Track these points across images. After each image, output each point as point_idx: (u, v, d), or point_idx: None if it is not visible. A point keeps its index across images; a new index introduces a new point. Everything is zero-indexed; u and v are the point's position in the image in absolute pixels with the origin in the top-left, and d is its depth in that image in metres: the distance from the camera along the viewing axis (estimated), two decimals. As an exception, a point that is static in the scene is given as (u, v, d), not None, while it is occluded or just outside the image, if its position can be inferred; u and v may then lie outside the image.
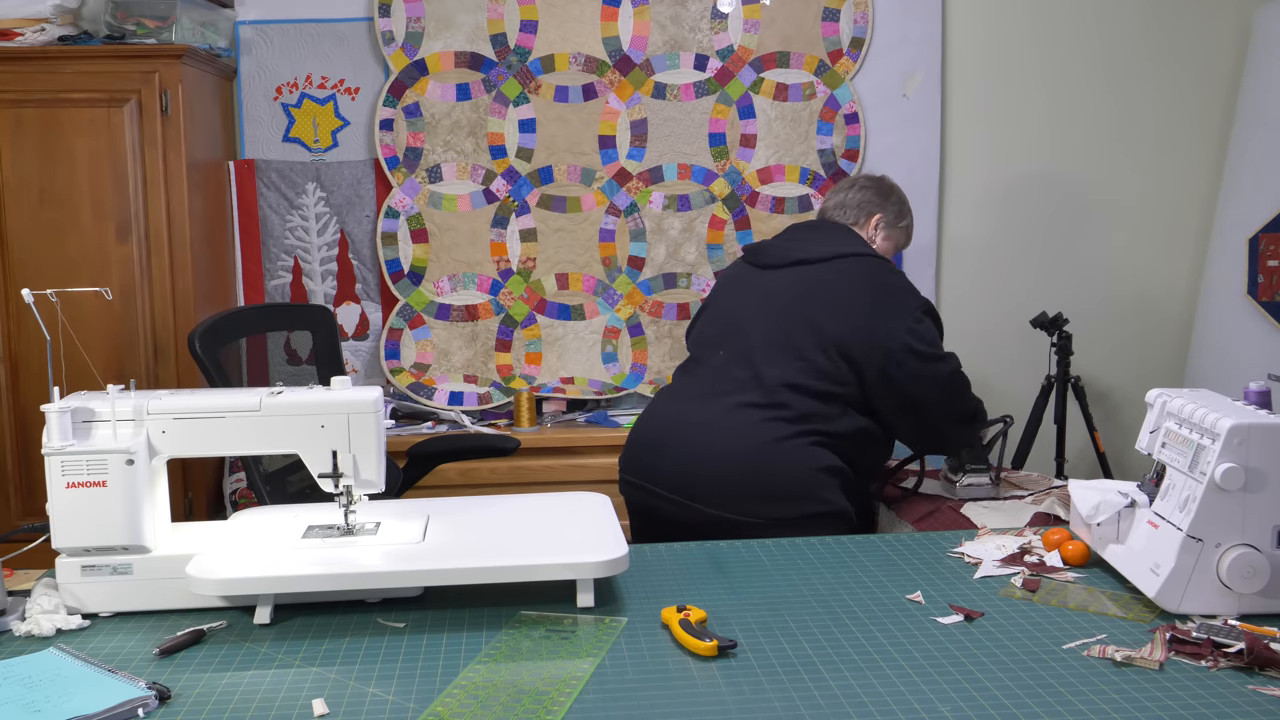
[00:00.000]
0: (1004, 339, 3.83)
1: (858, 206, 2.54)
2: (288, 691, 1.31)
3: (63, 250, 3.13)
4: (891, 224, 2.54)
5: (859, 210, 2.53)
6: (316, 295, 3.66)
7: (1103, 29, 3.75)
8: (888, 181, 2.61)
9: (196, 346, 2.40)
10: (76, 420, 1.55)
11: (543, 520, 1.73)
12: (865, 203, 2.54)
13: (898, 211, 2.56)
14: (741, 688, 1.31)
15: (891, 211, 2.54)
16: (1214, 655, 1.36)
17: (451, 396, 3.66)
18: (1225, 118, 3.80)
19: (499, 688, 1.31)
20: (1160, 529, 1.58)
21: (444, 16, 3.57)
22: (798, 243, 2.48)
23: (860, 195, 2.55)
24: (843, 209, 2.55)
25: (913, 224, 2.63)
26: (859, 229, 2.51)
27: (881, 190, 2.56)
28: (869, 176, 2.61)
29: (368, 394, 1.64)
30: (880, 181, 2.59)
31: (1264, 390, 1.76)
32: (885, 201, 2.54)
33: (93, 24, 3.19)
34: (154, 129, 3.13)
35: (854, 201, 2.55)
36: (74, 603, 1.55)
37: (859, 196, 2.55)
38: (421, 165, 3.61)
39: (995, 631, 1.47)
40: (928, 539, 1.87)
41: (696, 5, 3.62)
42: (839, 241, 2.43)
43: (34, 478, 3.17)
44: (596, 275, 3.70)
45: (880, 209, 2.53)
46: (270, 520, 1.75)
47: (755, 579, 1.68)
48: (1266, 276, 3.41)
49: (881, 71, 3.69)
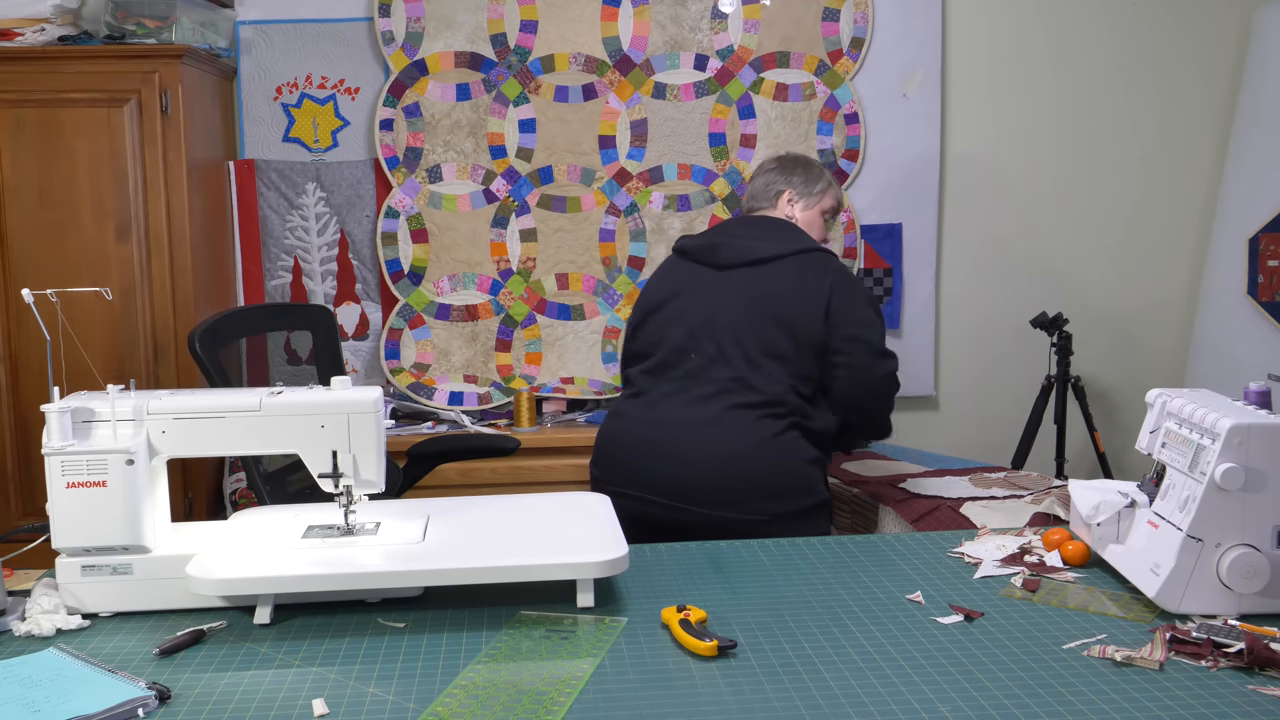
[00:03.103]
0: (1004, 339, 3.83)
1: (764, 190, 2.60)
2: (288, 691, 1.31)
3: (63, 250, 3.13)
4: (804, 193, 2.57)
5: (767, 193, 2.59)
6: (316, 295, 3.66)
7: (1103, 29, 3.76)
8: (790, 155, 2.66)
9: (196, 346, 2.40)
10: (76, 420, 1.55)
11: (543, 520, 1.73)
12: (770, 184, 2.59)
13: (805, 180, 2.58)
14: (741, 688, 1.31)
15: (799, 182, 2.58)
16: (1214, 655, 1.36)
17: (451, 396, 3.66)
18: (1225, 118, 3.80)
19: (499, 688, 1.31)
20: (1160, 529, 1.58)
21: (444, 16, 3.57)
22: (749, 240, 2.43)
23: (764, 180, 2.61)
24: (755, 199, 2.61)
25: (832, 186, 2.63)
26: (776, 211, 2.57)
27: (784, 166, 2.61)
28: (771, 158, 2.67)
29: (368, 394, 1.64)
30: (782, 159, 2.65)
31: (1264, 390, 1.76)
32: (790, 175, 2.58)
33: (93, 24, 3.19)
34: (154, 129, 3.13)
35: (760, 188, 2.61)
36: (74, 603, 1.55)
37: (763, 181, 2.61)
38: (421, 165, 3.61)
39: (995, 631, 1.47)
40: (928, 539, 1.87)
41: (696, 5, 3.62)
42: (784, 237, 2.44)
43: (34, 478, 3.17)
44: (596, 275, 3.70)
45: (786, 184, 2.57)
46: (270, 520, 1.75)
47: (755, 579, 1.68)
48: (1266, 276, 3.41)
49: (881, 71, 3.69)
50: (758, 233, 2.47)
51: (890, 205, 3.74)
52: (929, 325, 3.81)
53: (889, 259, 3.75)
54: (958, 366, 3.85)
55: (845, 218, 3.71)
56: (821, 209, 2.60)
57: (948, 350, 3.86)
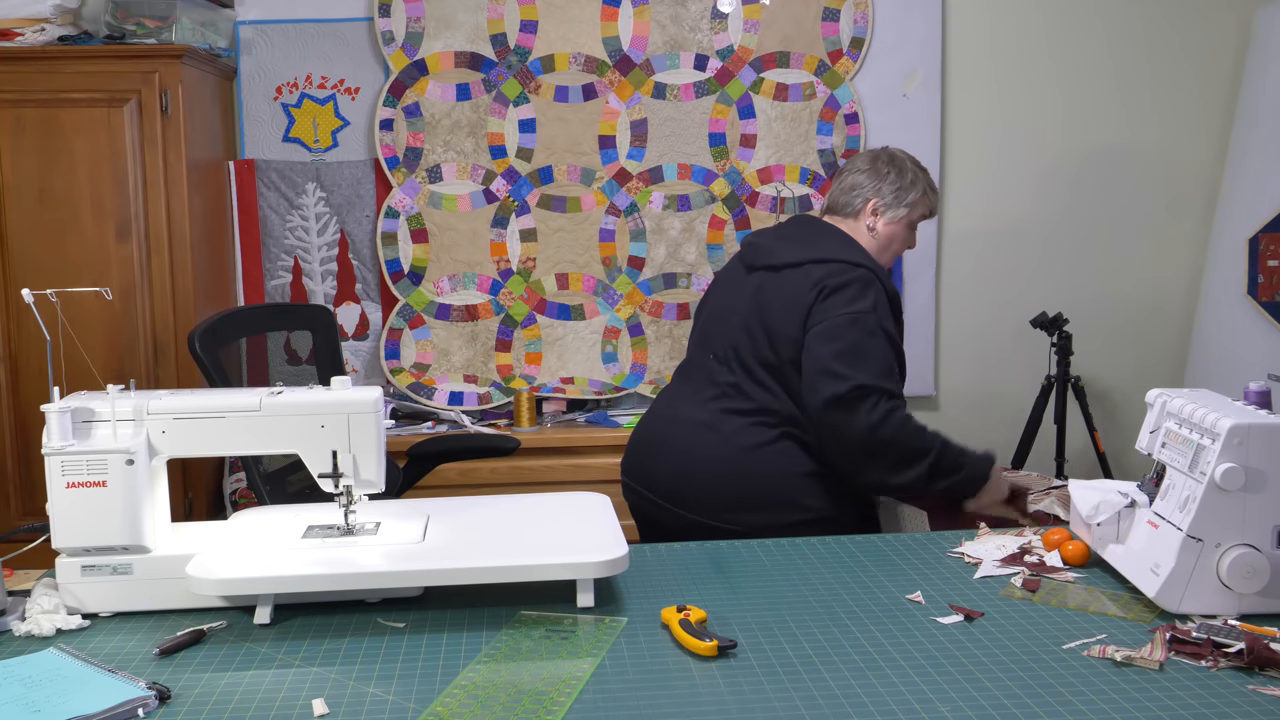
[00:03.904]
0: (1004, 339, 3.83)
1: (848, 195, 2.38)
2: (288, 691, 1.31)
3: (63, 250, 3.13)
4: (892, 205, 2.34)
5: (850, 199, 2.37)
6: (316, 295, 3.66)
7: (1103, 29, 3.75)
8: (885, 155, 2.40)
9: (196, 346, 2.40)
10: (76, 420, 1.55)
11: (543, 520, 1.73)
12: (856, 188, 2.37)
13: (896, 191, 2.35)
14: (741, 688, 1.31)
15: (889, 193, 2.35)
16: (1214, 655, 1.36)
17: (451, 396, 3.66)
18: (1225, 118, 3.80)
19: (499, 688, 1.31)
20: (1160, 529, 1.58)
21: (444, 16, 3.57)
22: (781, 243, 2.35)
23: (851, 181, 2.39)
24: (836, 203, 2.41)
25: (926, 195, 2.38)
26: (858, 221, 2.36)
27: (877, 170, 2.37)
28: (866, 155, 2.42)
29: (368, 394, 1.64)
30: (877, 158, 2.40)
31: (1264, 390, 1.76)
32: (881, 183, 2.35)
33: (93, 24, 3.19)
34: (154, 129, 3.13)
35: (844, 192, 2.39)
36: (74, 603, 1.55)
37: (849, 183, 2.39)
38: (421, 165, 3.61)
39: (995, 631, 1.47)
40: (928, 539, 1.87)
41: (696, 5, 3.62)
42: (813, 244, 2.30)
43: (34, 478, 3.17)
44: (596, 275, 3.69)
45: (875, 193, 2.35)
46: (270, 520, 1.75)
47: (755, 579, 1.68)
48: (1266, 276, 3.41)
49: (881, 71, 3.69)
50: (793, 235, 2.35)
51: (890, 205, 3.74)
52: (929, 325, 3.81)
53: (889, 259, 3.75)
54: (958, 366, 3.85)
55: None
56: (910, 220, 2.37)
57: (948, 350, 3.85)
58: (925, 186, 2.38)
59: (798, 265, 2.24)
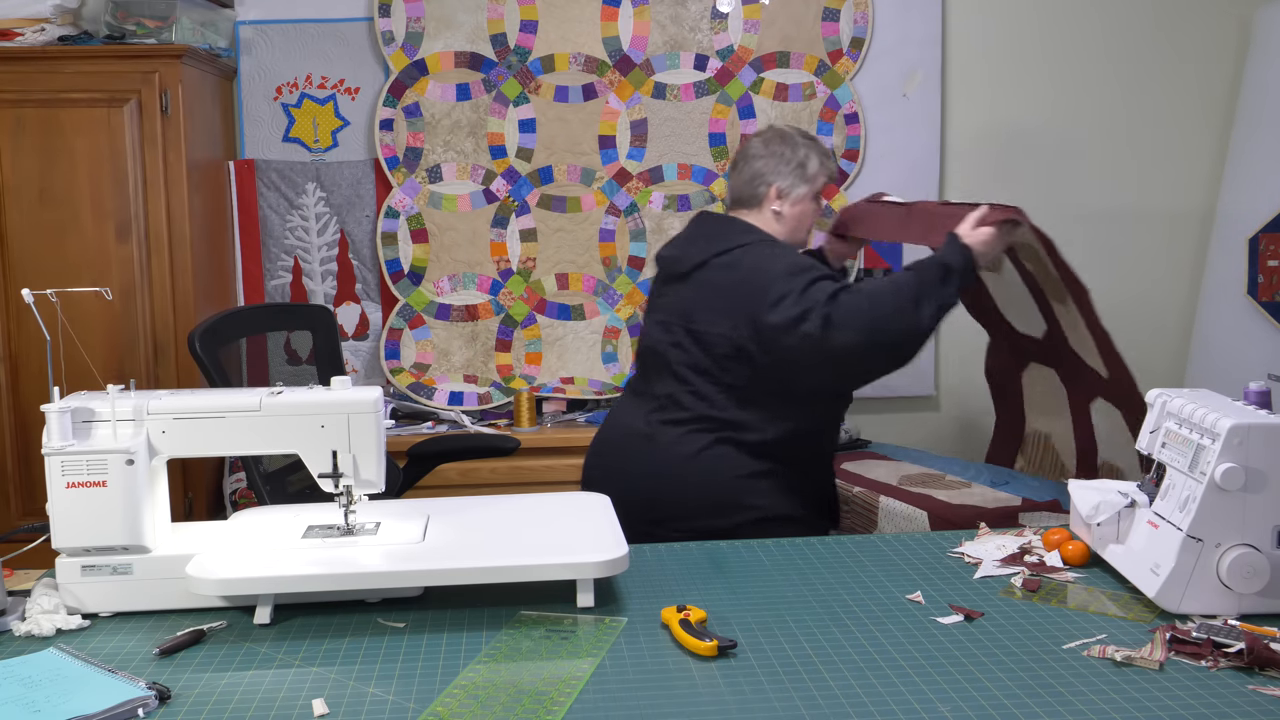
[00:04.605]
0: (1004, 339, 3.83)
1: (750, 187, 2.33)
2: (288, 691, 1.31)
3: (63, 250, 3.13)
4: (795, 184, 2.30)
5: (755, 188, 2.32)
6: (316, 295, 3.65)
7: (1103, 29, 3.75)
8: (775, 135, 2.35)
9: (196, 346, 2.40)
10: (76, 420, 1.55)
11: (543, 520, 1.73)
12: (757, 176, 2.32)
13: (796, 169, 2.31)
14: (741, 688, 1.31)
15: (789, 173, 2.31)
16: (1214, 655, 1.36)
17: (451, 396, 3.66)
18: (1225, 118, 3.80)
19: (499, 688, 1.31)
20: (1160, 529, 1.58)
21: (444, 16, 3.57)
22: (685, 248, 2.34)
23: (751, 171, 2.33)
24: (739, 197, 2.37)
25: (823, 161, 2.34)
26: (761, 210, 2.32)
27: (772, 153, 2.33)
28: (757, 141, 2.37)
29: (368, 394, 1.64)
30: (768, 143, 2.35)
31: (1264, 390, 1.76)
32: (779, 164, 2.31)
33: (93, 24, 3.19)
34: (154, 129, 3.13)
35: (744, 184, 2.34)
36: (74, 603, 1.55)
37: (750, 172, 2.33)
38: (421, 165, 3.61)
39: (995, 631, 1.47)
40: (928, 539, 1.87)
41: (696, 5, 3.62)
42: (710, 242, 2.29)
43: (34, 478, 3.16)
44: (596, 275, 3.69)
45: (775, 175, 2.30)
46: (270, 520, 1.75)
47: (755, 579, 1.68)
48: (1266, 276, 3.41)
49: (881, 71, 3.69)
50: (696, 235, 2.35)
51: (890, 205, 3.74)
52: (929, 325, 3.81)
53: (889, 259, 3.75)
54: (958, 366, 3.85)
55: (845, 218, 3.70)
56: (814, 193, 2.33)
57: (948, 350, 3.85)
58: (820, 155, 2.35)
59: (704, 264, 2.26)
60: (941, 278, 2.12)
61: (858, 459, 3.02)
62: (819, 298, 2.07)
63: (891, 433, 3.71)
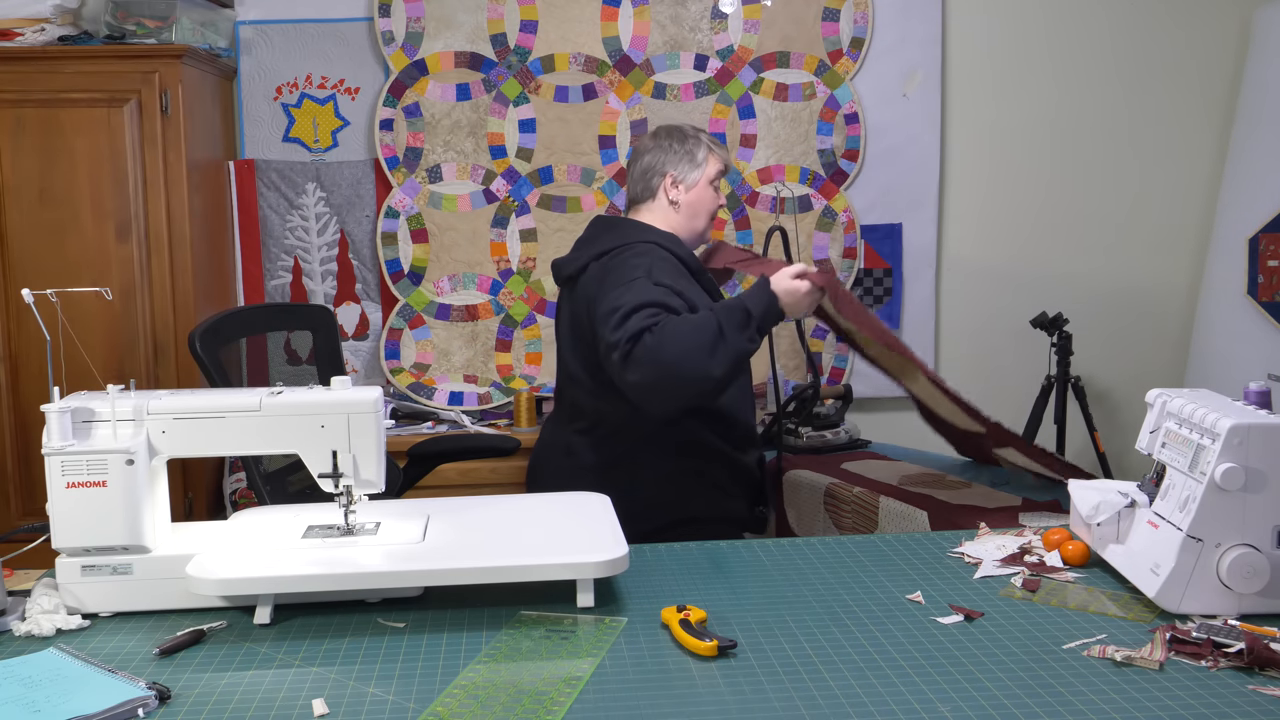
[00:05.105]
0: (1004, 339, 3.83)
1: (643, 179, 2.39)
2: (288, 691, 1.31)
3: (63, 250, 3.13)
4: (688, 170, 2.36)
5: (649, 181, 2.38)
6: (316, 295, 3.65)
7: (1103, 29, 3.75)
8: (662, 130, 2.42)
9: (196, 346, 2.40)
10: (76, 420, 1.55)
11: (543, 520, 1.73)
12: (649, 169, 2.38)
13: (685, 156, 2.37)
14: (741, 688, 1.31)
15: (680, 161, 2.36)
16: (1214, 655, 1.36)
17: (451, 396, 3.66)
18: (1225, 118, 3.80)
19: (499, 688, 1.31)
20: (1160, 529, 1.58)
21: (444, 16, 3.57)
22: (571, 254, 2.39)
23: (642, 166, 2.39)
24: (636, 193, 2.41)
25: (712, 148, 2.39)
26: (655, 203, 2.37)
27: (661, 146, 2.39)
28: (646, 138, 2.44)
29: (368, 394, 1.64)
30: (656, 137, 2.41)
31: (1264, 390, 1.76)
32: (668, 155, 2.37)
33: (93, 24, 3.19)
34: (154, 129, 3.13)
35: (641, 174, 2.39)
36: (74, 603, 1.55)
37: (642, 167, 2.39)
38: (421, 165, 3.61)
39: (995, 631, 1.47)
40: (928, 539, 1.87)
41: (696, 5, 3.62)
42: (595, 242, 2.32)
43: (34, 478, 3.17)
44: (596, 275, 3.69)
45: (668, 164, 2.36)
46: (270, 520, 1.75)
47: (755, 579, 1.68)
48: (1266, 276, 3.41)
49: (881, 71, 3.69)
50: (582, 241, 2.40)
51: (890, 205, 3.74)
52: (929, 325, 3.81)
53: (889, 259, 3.75)
54: (958, 366, 3.85)
55: (845, 218, 3.70)
56: (709, 179, 2.38)
57: (948, 350, 3.85)
58: (708, 143, 2.40)
59: (584, 269, 2.30)
60: (742, 323, 2.08)
61: (858, 459, 3.02)
62: (631, 329, 2.05)
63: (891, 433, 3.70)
